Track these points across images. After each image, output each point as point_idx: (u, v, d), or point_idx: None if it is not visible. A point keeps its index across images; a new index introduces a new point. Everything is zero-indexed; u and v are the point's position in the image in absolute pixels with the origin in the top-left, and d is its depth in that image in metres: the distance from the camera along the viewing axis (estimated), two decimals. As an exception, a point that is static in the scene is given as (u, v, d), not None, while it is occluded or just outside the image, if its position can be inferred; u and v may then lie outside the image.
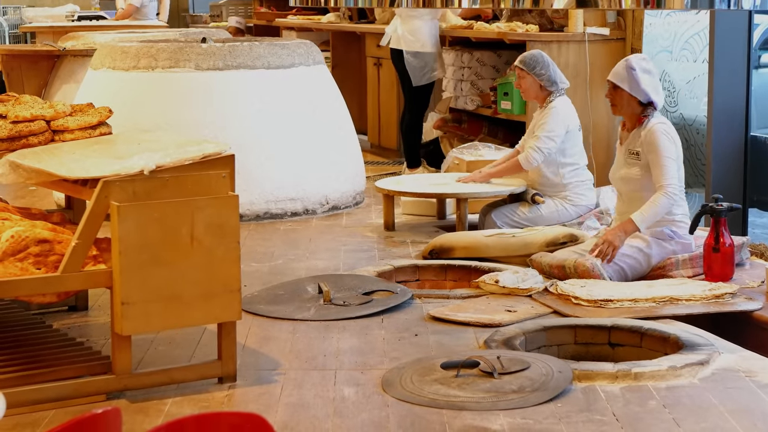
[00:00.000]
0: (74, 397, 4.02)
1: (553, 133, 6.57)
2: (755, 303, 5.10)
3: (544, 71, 6.68)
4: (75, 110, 4.87)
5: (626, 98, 5.72)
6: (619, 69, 5.76)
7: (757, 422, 3.83)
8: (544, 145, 6.57)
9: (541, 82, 6.67)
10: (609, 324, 4.80)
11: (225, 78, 7.40)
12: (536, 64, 6.69)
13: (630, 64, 5.72)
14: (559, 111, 6.61)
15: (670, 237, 5.66)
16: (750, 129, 7.38)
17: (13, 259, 4.06)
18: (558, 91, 6.69)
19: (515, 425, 3.79)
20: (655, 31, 8.14)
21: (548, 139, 6.57)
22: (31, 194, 8.18)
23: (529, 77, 6.70)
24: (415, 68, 8.74)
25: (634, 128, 5.74)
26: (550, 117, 6.61)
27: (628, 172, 5.72)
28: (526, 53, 6.86)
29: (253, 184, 7.25)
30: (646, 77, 5.69)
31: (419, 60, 8.72)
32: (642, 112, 5.71)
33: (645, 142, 5.63)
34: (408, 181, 7.24)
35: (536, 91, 6.71)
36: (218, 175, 4.16)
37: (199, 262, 4.07)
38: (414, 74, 8.75)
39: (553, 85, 6.68)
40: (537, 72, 6.67)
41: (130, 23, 12.30)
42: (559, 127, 6.58)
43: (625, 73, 5.70)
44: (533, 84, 6.70)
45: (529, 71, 6.69)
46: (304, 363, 4.48)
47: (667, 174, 5.55)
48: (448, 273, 5.92)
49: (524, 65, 6.71)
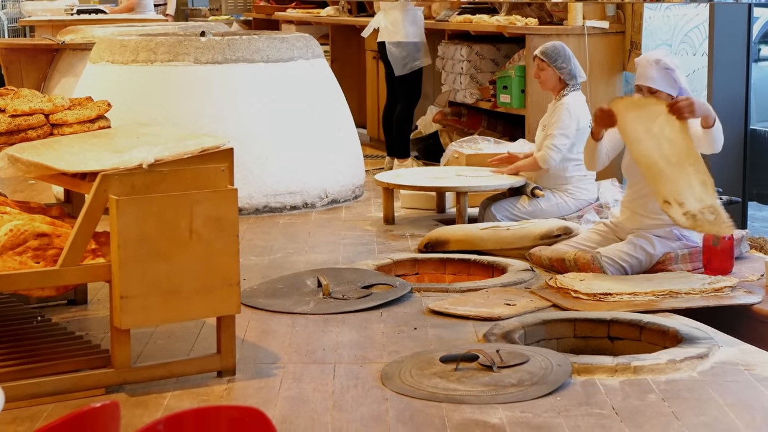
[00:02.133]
0: (73, 391, 4.02)
1: (568, 130, 6.58)
2: (755, 296, 5.10)
3: (565, 64, 6.67)
4: (74, 104, 4.87)
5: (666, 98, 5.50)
6: (654, 73, 5.56)
7: (757, 415, 3.83)
8: (560, 142, 6.57)
9: (561, 74, 6.66)
10: (608, 317, 4.80)
11: (224, 72, 7.39)
12: (558, 56, 6.67)
13: (665, 65, 5.55)
14: (571, 108, 6.61)
15: (678, 239, 5.63)
16: (749, 122, 7.38)
17: (11, 253, 4.05)
18: (575, 85, 6.68)
19: (514, 419, 3.79)
20: (654, 24, 8.13)
21: (563, 136, 6.57)
22: (30, 188, 8.18)
23: (549, 69, 6.68)
24: (397, 58, 8.76)
25: None
26: (563, 114, 6.59)
27: None
28: (548, 44, 6.81)
29: (252, 178, 7.25)
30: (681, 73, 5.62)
31: (401, 50, 8.75)
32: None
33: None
34: (407, 175, 7.24)
35: (555, 83, 6.69)
36: (217, 168, 4.15)
37: (198, 255, 4.07)
38: (396, 64, 8.78)
39: (573, 78, 6.68)
40: (558, 65, 6.66)
41: (130, 17, 12.28)
42: (573, 124, 6.59)
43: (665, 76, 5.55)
44: (553, 76, 6.68)
45: (550, 63, 6.67)
46: (303, 357, 4.48)
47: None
48: (448, 266, 5.93)
49: (546, 57, 6.68)
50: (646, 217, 5.65)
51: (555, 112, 6.65)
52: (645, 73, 5.59)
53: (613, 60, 8.18)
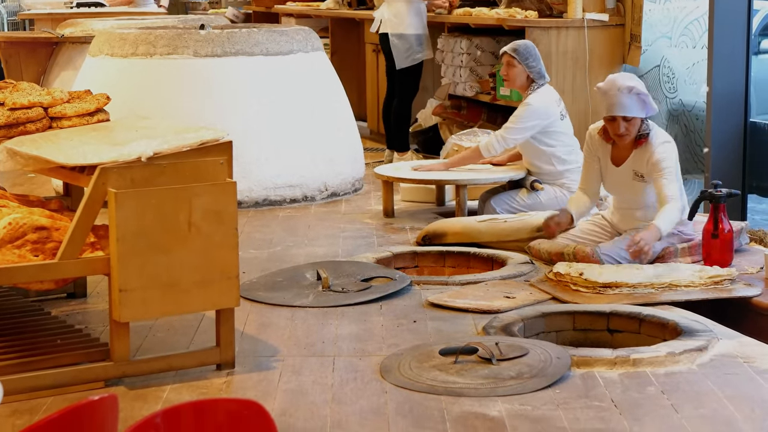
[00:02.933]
0: (72, 384, 4.02)
1: (520, 125, 6.54)
2: (754, 289, 5.10)
3: (535, 63, 6.65)
4: (73, 97, 4.86)
5: (638, 124, 5.48)
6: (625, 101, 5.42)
7: (756, 408, 3.83)
8: (509, 135, 6.56)
9: (530, 73, 6.64)
10: (608, 310, 4.80)
11: (223, 65, 7.39)
12: (529, 55, 6.65)
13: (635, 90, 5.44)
14: (532, 106, 6.57)
15: (675, 233, 5.63)
16: (749, 115, 7.37)
17: (10, 246, 4.05)
18: (542, 84, 6.66)
19: (513, 411, 3.79)
20: (654, 17, 8.12)
21: (515, 131, 6.55)
22: (29, 181, 8.18)
23: (519, 67, 6.65)
24: (400, 50, 8.75)
25: (629, 149, 5.57)
26: (523, 111, 6.57)
27: (637, 192, 5.60)
28: (519, 42, 6.79)
29: (251, 171, 7.25)
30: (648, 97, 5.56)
31: (403, 42, 8.73)
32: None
33: (651, 164, 5.45)
34: (407, 168, 7.23)
35: (523, 81, 6.67)
36: (216, 161, 4.15)
37: (197, 248, 4.06)
38: (398, 56, 8.76)
39: (542, 78, 6.66)
40: (529, 63, 6.64)
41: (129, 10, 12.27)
42: (529, 122, 6.53)
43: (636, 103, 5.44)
44: (522, 74, 6.65)
45: (521, 61, 6.64)
46: (303, 349, 4.48)
47: (675, 188, 5.40)
48: (447, 259, 5.92)
49: (517, 54, 6.65)
50: (638, 222, 5.64)
51: (519, 108, 6.64)
52: (619, 101, 5.45)
53: (612, 53, 8.16)
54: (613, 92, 5.47)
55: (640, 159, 5.55)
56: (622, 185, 5.67)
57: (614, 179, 5.71)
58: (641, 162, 5.55)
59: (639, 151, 5.56)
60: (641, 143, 5.53)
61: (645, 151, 5.53)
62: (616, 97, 5.46)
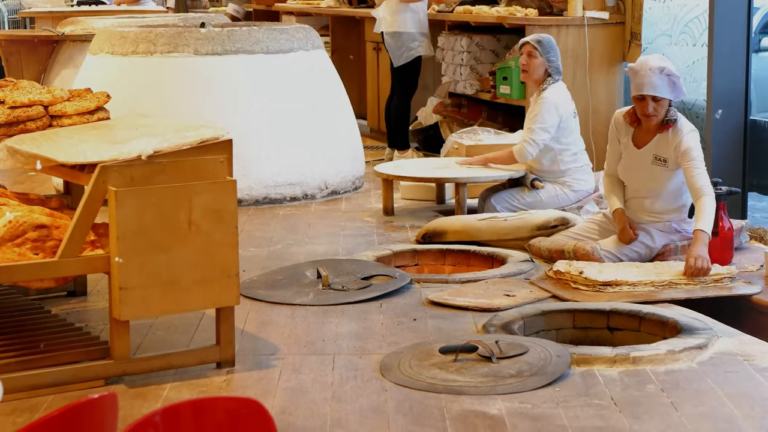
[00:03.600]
0: (73, 383, 4.02)
1: (546, 125, 6.53)
2: (754, 287, 5.10)
3: (555, 59, 6.64)
4: (73, 95, 4.86)
5: (665, 105, 5.46)
6: (656, 80, 5.40)
7: (755, 406, 3.83)
8: (538, 137, 6.54)
9: (549, 66, 6.63)
10: (608, 308, 4.80)
11: (223, 63, 7.39)
12: (551, 48, 6.65)
13: (666, 70, 5.42)
14: (550, 101, 6.56)
15: (677, 231, 5.63)
16: (750, 113, 7.37)
17: (10, 245, 4.05)
18: (557, 80, 6.66)
19: (513, 409, 3.80)
20: (654, 15, 8.12)
21: (542, 130, 6.54)
22: (30, 179, 8.18)
23: (540, 59, 6.63)
24: (393, 48, 8.75)
25: (653, 132, 5.56)
26: (543, 108, 6.55)
27: (653, 178, 5.59)
28: (542, 35, 6.76)
29: (252, 169, 7.25)
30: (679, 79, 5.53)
31: (396, 39, 8.73)
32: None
33: (679, 152, 5.43)
34: (407, 166, 7.23)
35: (540, 74, 6.66)
36: (216, 160, 4.15)
37: (197, 247, 4.07)
38: (393, 54, 8.76)
39: (558, 74, 6.65)
40: (549, 57, 6.63)
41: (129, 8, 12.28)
42: (551, 118, 6.54)
43: (666, 84, 5.42)
44: (541, 66, 6.64)
45: (542, 53, 6.63)
46: (303, 348, 4.48)
47: (706, 178, 5.40)
48: (447, 257, 5.93)
49: (540, 46, 6.62)
50: (644, 214, 5.65)
51: (536, 105, 6.62)
52: (649, 81, 5.42)
53: (613, 51, 8.17)
54: (644, 72, 5.44)
55: (665, 143, 5.51)
56: (640, 169, 5.63)
57: (632, 161, 5.66)
58: (665, 146, 5.51)
59: (663, 135, 5.52)
60: (667, 128, 5.50)
61: (672, 138, 5.49)
62: (646, 77, 5.42)
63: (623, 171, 5.72)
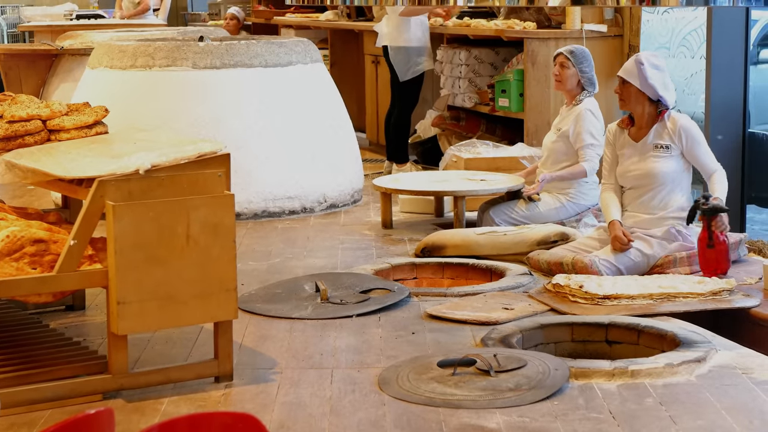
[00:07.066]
0: (71, 397, 4.02)
1: (597, 137, 6.59)
2: (753, 300, 5.10)
3: (588, 70, 6.66)
4: (71, 109, 4.87)
5: (634, 94, 5.71)
6: (629, 65, 5.76)
7: (754, 419, 3.83)
8: (600, 151, 6.53)
9: (582, 78, 6.65)
10: (606, 321, 4.80)
11: (222, 76, 7.39)
12: (584, 59, 6.67)
13: (639, 59, 5.71)
14: (592, 110, 6.61)
15: (675, 238, 5.64)
16: (748, 125, 7.38)
17: (8, 259, 4.06)
18: (591, 92, 6.67)
19: (512, 423, 3.79)
20: (652, 27, 8.13)
21: (597, 146, 6.57)
22: (29, 193, 8.18)
23: (573, 69, 6.64)
24: (399, 63, 8.75)
25: (647, 126, 5.72)
26: (589, 119, 6.57)
27: (655, 166, 5.68)
28: (576, 46, 6.81)
29: (250, 183, 7.25)
30: (655, 73, 5.67)
31: (403, 55, 8.74)
32: (652, 110, 5.71)
33: (685, 134, 5.67)
34: (405, 179, 7.24)
35: (573, 85, 6.66)
36: (214, 174, 4.15)
37: (195, 261, 4.07)
38: (399, 69, 8.76)
39: (592, 86, 6.67)
40: (583, 68, 6.65)
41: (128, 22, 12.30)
42: (597, 126, 6.63)
43: (635, 69, 5.69)
44: (573, 77, 6.65)
45: (575, 64, 6.64)
46: (301, 362, 4.48)
47: (713, 158, 5.74)
48: (446, 271, 5.92)
49: (573, 56, 6.65)
50: (646, 214, 5.67)
51: (579, 118, 6.58)
52: (625, 65, 5.80)
53: (611, 63, 8.18)
54: (630, 59, 5.81)
55: (663, 131, 5.73)
56: (640, 161, 5.76)
57: (633, 155, 5.79)
58: (665, 134, 5.72)
59: (660, 125, 5.75)
60: (662, 116, 5.74)
61: (670, 124, 5.73)
62: (627, 63, 5.81)
63: (623, 171, 5.81)
